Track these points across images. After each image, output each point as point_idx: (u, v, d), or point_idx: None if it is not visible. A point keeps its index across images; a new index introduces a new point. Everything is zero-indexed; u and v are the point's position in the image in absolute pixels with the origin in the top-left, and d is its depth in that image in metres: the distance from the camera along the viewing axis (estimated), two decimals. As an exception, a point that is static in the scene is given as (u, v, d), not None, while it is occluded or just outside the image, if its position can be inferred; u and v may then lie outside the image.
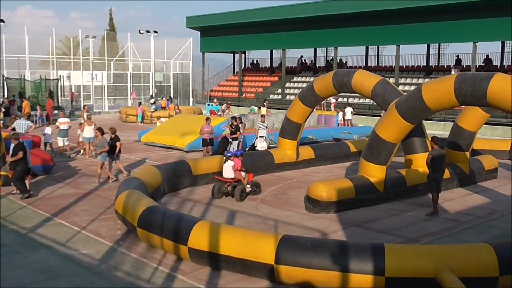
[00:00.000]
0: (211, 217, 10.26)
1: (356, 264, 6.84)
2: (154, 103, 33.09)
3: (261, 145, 17.33)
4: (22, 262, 7.84)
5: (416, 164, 12.65)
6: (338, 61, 36.80)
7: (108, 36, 41.99)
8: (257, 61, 47.29)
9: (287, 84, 39.51)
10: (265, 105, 28.41)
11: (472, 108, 13.51)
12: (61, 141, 17.75)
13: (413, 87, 29.14)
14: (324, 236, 9.36)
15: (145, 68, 41.57)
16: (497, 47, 33.71)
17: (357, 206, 11.32)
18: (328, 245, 7.23)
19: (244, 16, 39.05)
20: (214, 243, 7.53)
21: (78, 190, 12.79)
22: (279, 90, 39.24)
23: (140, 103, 31.86)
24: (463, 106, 12.47)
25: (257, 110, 27.60)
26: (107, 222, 10.04)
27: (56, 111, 29.26)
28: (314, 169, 16.18)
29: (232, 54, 47.26)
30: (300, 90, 15.44)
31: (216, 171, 13.63)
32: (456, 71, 26.95)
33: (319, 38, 35.82)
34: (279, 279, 7.17)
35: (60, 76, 35.15)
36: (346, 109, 26.02)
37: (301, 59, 42.66)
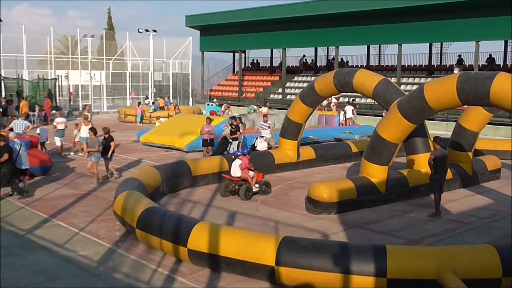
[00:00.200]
0: (211, 218, 10.23)
1: (358, 266, 6.81)
2: (153, 103, 33.00)
3: (261, 146, 17.24)
4: (20, 264, 7.80)
5: (418, 165, 12.60)
6: (339, 61, 36.75)
7: (107, 35, 41.94)
8: (257, 61, 47.19)
9: (288, 84, 39.45)
10: (267, 105, 28.39)
11: (475, 108, 13.45)
12: (59, 141, 17.74)
13: (415, 87, 28.98)
14: (325, 238, 9.33)
15: (144, 68, 41.43)
16: (500, 46, 33.61)
17: (359, 207, 11.26)
18: (329, 247, 7.21)
19: (244, 15, 38.95)
20: (214, 245, 7.50)
21: (76, 191, 12.73)
22: (280, 90, 39.17)
23: (140, 103, 31.82)
24: (466, 106, 12.41)
25: (257, 108, 27.57)
26: (106, 223, 9.99)
27: (54, 111, 29.27)
28: (315, 170, 16.13)
29: (232, 54, 47.19)
30: (301, 90, 15.39)
31: (216, 172, 13.62)
32: (459, 71, 26.85)
33: (320, 37, 35.72)
34: (280, 281, 7.14)
35: (58, 76, 35.01)
36: (346, 107, 25.93)
37: (304, 59, 42.53)
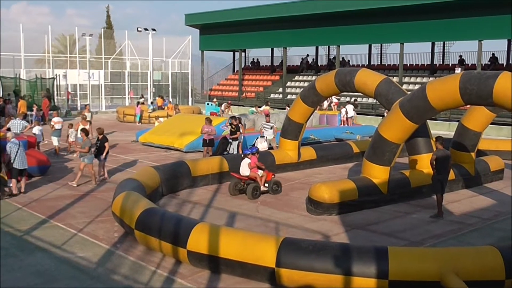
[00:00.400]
0: (211, 219, 10.19)
1: (359, 267, 6.79)
2: (152, 103, 32.90)
3: (262, 146, 17.12)
4: (18, 265, 7.77)
5: (421, 165, 12.54)
6: (341, 60, 36.76)
7: (105, 34, 41.73)
8: (258, 60, 47.13)
9: (289, 83, 39.41)
10: (268, 105, 28.42)
11: (478, 108, 13.39)
12: (56, 141, 17.69)
13: (417, 86, 28.93)
14: (326, 239, 9.28)
15: (143, 67, 41.25)
16: (503, 45, 33.65)
17: (360, 208, 11.22)
18: (331, 248, 7.19)
19: (244, 14, 38.90)
20: (214, 246, 7.47)
21: (75, 192, 12.67)
22: (280, 89, 39.12)
23: (139, 103, 31.71)
24: (469, 106, 12.35)
25: (256, 109, 27.53)
26: (104, 224, 9.94)
27: (51, 111, 29.12)
28: (316, 170, 16.08)
29: (232, 53, 47.17)
30: (302, 89, 15.34)
31: (216, 172, 13.56)
32: (460, 71, 26.78)
33: (321, 36, 35.69)
34: (280, 283, 7.11)
35: (56, 75, 34.85)
36: (347, 106, 25.86)
37: (307, 58, 42.33)
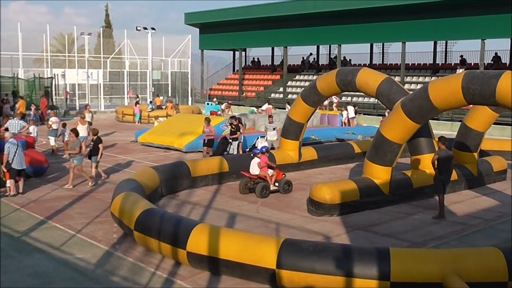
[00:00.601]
0: (211, 220, 10.16)
1: (361, 269, 6.78)
2: (150, 102, 32.83)
3: (262, 146, 17.05)
4: (16, 267, 7.74)
5: (423, 165, 12.48)
6: (342, 59, 36.73)
7: (104, 33, 41.63)
8: (258, 59, 47.07)
9: (289, 83, 39.38)
10: (270, 104, 28.43)
11: (481, 108, 13.31)
12: (53, 141, 17.66)
13: (420, 86, 28.69)
14: (328, 240, 9.25)
15: (142, 66, 41.19)
16: (506, 45, 33.26)
17: (362, 209, 11.17)
18: (332, 249, 7.17)
19: (245, 13, 38.87)
20: (214, 247, 7.45)
21: (73, 192, 12.62)
22: (281, 89, 39.07)
23: (138, 103, 31.62)
24: (471, 106, 12.29)
25: (255, 109, 27.43)
26: (103, 225, 9.90)
27: (50, 111, 29.06)
28: (317, 171, 16.03)
29: (232, 52, 47.13)
30: (303, 89, 15.28)
31: (216, 173, 13.53)
32: (462, 71, 26.71)
33: (322, 35, 35.64)
34: (281, 284, 7.09)
35: (55, 75, 34.79)
36: (348, 107, 25.83)
37: (308, 57, 42.18)
